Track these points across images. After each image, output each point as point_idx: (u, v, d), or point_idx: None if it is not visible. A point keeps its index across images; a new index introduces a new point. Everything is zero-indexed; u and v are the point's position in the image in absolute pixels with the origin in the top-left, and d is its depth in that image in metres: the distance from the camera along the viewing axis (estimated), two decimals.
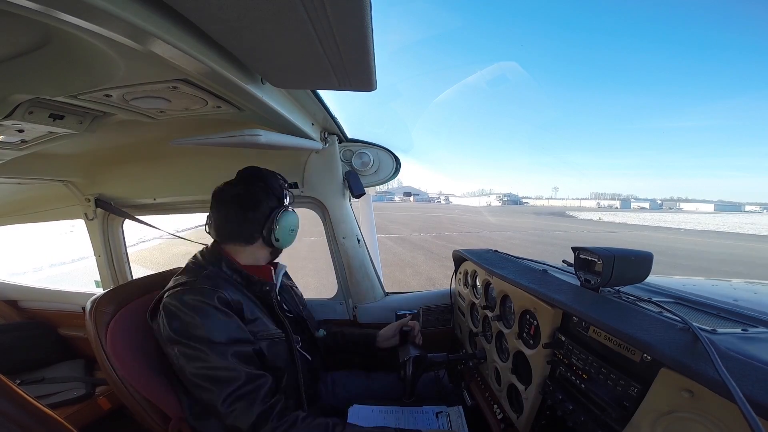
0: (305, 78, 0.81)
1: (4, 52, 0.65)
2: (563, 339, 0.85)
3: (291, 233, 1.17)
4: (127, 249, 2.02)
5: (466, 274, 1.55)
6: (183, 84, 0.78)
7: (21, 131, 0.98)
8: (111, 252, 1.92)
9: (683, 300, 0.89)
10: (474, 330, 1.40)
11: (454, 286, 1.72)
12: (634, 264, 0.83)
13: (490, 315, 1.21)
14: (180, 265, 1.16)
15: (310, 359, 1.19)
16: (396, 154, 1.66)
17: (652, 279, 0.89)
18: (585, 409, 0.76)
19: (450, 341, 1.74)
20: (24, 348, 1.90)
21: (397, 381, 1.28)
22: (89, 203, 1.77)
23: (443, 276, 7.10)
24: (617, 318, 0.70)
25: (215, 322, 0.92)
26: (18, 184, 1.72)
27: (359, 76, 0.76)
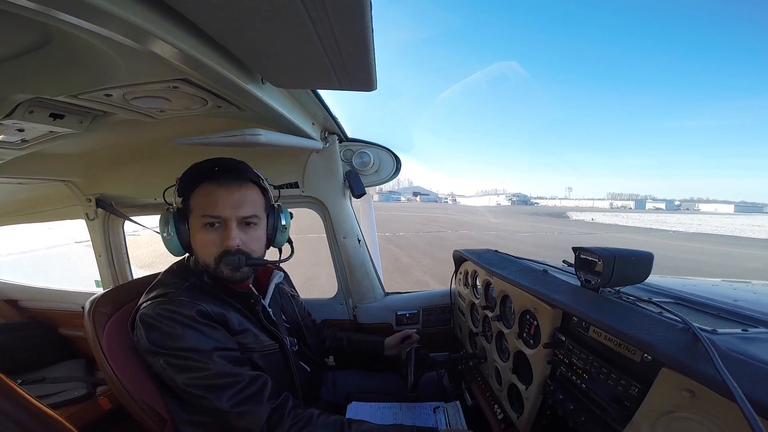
0: (305, 78, 0.81)
1: (4, 52, 0.65)
2: (563, 339, 0.85)
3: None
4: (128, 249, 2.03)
5: (466, 274, 1.55)
6: (183, 84, 0.78)
7: (21, 131, 0.98)
8: (111, 252, 1.92)
9: (683, 300, 0.89)
10: (474, 330, 1.40)
11: (454, 286, 1.72)
12: (634, 264, 0.83)
13: (490, 315, 1.21)
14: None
15: (309, 371, 1.16)
16: (396, 153, 1.66)
17: (652, 279, 0.89)
18: (585, 409, 0.76)
19: (450, 341, 1.74)
20: (24, 348, 1.91)
21: (398, 379, 1.28)
22: (90, 203, 1.77)
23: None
24: (617, 318, 0.70)
25: (197, 332, 0.88)
26: (18, 184, 1.72)
27: (359, 76, 0.76)
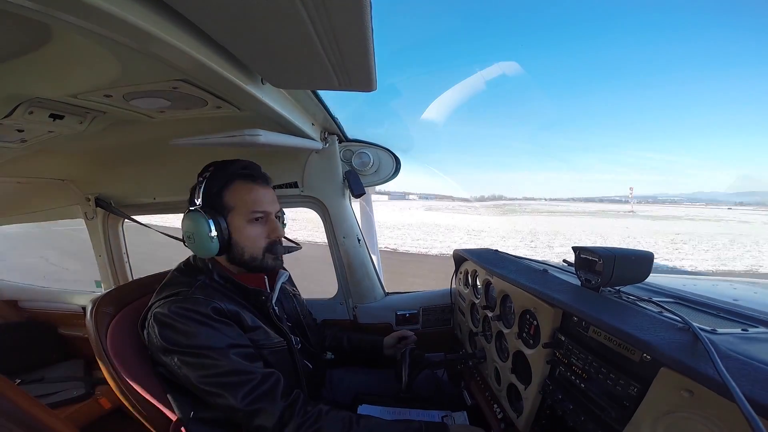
0: (305, 78, 0.81)
1: (4, 52, 0.65)
2: (563, 339, 0.85)
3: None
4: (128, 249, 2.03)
5: (466, 273, 1.55)
6: (183, 84, 0.79)
7: (21, 131, 0.98)
8: (111, 252, 1.92)
9: (683, 300, 0.89)
10: (474, 330, 1.40)
11: (454, 286, 1.72)
12: (634, 264, 0.83)
13: (490, 315, 1.21)
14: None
15: (311, 368, 1.17)
16: (396, 153, 1.66)
17: (652, 279, 0.89)
18: (585, 409, 0.76)
19: (450, 341, 1.74)
20: (24, 348, 1.91)
21: (395, 377, 1.28)
22: (89, 203, 1.77)
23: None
24: (617, 318, 0.70)
25: (212, 330, 0.89)
26: (18, 183, 1.72)
27: (359, 76, 0.76)
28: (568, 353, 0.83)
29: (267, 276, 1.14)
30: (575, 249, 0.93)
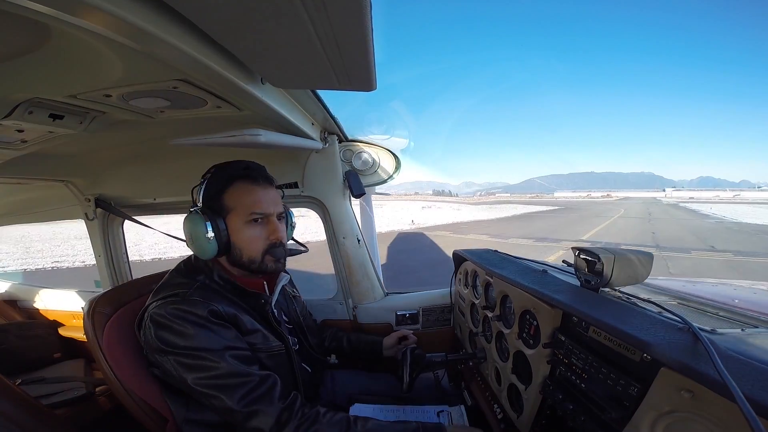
0: (305, 78, 0.81)
1: (4, 52, 0.65)
2: (563, 339, 0.85)
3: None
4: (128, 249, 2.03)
5: (466, 274, 1.55)
6: (183, 84, 0.78)
7: (21, 131, 0.97)
8: (111, 252, 1.92)
9: (683, 300, 0.89)
10: (474, 330, 1.40)
11: (454, 286, 1.72)
12: (634, 264, 0.83)
13: (490, 315, 1.21)
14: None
15: (310, 371, 1.17)
16: (396, 153, 1.66)
17: (652, 279, 0.89)
18: (585, 409, 0.76)
19: (450, 341, 1.74)
20: (24, 348, 1.91)
21: (396, 377, 1.28)
22: (89, 203, 1.77)
23: None
24: (617, 318, 0.70)
25: (209, 332, 0.88)
26: (18, 183, 1.72)
27: (359, 76, 0.76)
28: (568, 353, 0.83)
29: (267, 279, 1.13)
30: (575, 249, 0.93)
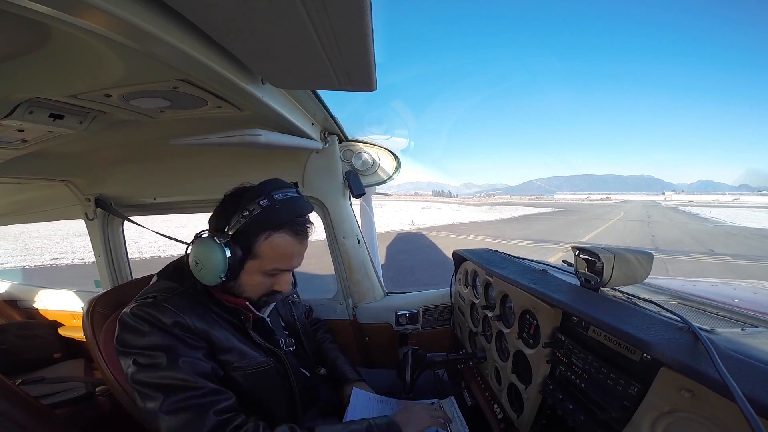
0: (305, 78, 0.81)
1: (4, 52, 0.65)
2: (563, 339, 0.85)
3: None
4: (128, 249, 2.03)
5: (466, 274, 1.55)
6: (183, 84, 0.79)
7: (21, 131, 0.98)
8: (111, 252, 1.92)
9: (683, 300, 0.89)
10: (474, 330, 1.40)
11: (454, 286, 1.72)
12: (633, 264, 0.83)
13: (490, 315, 1.21)
14: None
15: (308, 375, 1.15)
16: (396, 153, 1.66)
17: (652, 279, 0.89)
18: (585, 409, 0.76)
19: (450, 341, 1.74)
20: (24, 348, 1.91)
21: (397, 378, 1.28)
22: (89, 203, 1.77)
23: None
24: (617, 318, 0.70)
25: (170, 337, 0.83)
26: (18, 183, 1.72)
27: (359, 76, 0.76)
28: (568, 353, 0.83)
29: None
30: (575, 249, 0.93)
